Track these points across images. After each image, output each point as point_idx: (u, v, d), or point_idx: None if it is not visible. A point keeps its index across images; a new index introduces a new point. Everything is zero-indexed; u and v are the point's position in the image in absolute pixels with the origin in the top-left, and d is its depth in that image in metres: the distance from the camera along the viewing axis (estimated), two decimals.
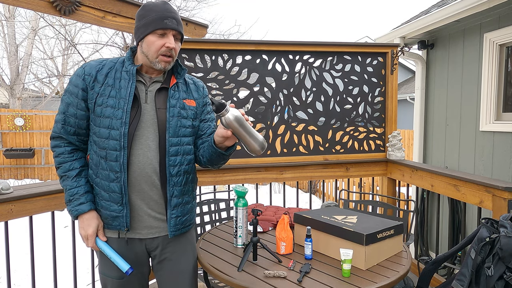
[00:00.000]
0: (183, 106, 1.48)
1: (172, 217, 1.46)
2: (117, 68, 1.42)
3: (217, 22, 23.59)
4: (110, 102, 1.37)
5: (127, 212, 1.40)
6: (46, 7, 1.98)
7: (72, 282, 2.24)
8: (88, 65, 1.41)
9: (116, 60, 1.45)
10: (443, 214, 3.63)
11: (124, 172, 1.37)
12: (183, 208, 1.50)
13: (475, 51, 3.38)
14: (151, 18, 1.36)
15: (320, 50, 2.86)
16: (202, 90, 1.59)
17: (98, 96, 1.38)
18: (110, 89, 1.38)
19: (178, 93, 1.48)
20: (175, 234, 1.48)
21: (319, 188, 7.88)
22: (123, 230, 1.42)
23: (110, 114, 1.37)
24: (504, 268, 1.41)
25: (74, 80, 1.40)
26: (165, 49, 1.37)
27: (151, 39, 1.37)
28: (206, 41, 2.67)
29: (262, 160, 2.82)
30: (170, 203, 1.45)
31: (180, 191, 1.47)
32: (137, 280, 1.50)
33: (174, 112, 1.44)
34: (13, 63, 11.64)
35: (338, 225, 1.61)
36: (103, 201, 1.41)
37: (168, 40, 1.37)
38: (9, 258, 1.92)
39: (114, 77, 1.40)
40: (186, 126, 1.48)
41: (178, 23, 1.40)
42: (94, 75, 1.39)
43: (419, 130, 4.15)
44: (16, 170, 9.16)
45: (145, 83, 1.44)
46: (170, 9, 1.40)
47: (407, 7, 58.10)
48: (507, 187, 1.98)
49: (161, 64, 1.39)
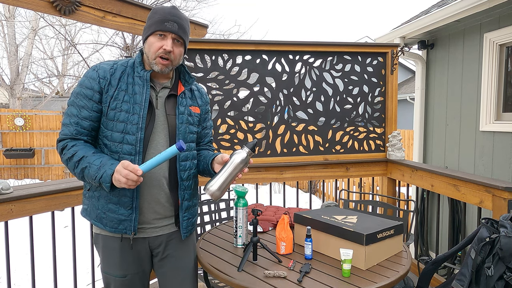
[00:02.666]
0: (190, 113, 1.52)
1: (184, 219, 1.51)
2: (129, 73, 1.42)
3: (217, 22, 23.65)
4: (125, 107, 1.38)
5: (136, 216, 1.41)
6: (46, 7, 1.98)
7: (72, 282, 2.24)
8: (102, 69, 1.39)
9: (126, 63, 1.45)
10: (443, 214, 3.63)
11: None
12: (193, 210, 1.56)
13: (475, 51, 3.38)
14: (154, 20, 1.38)
15: (320, 50, 2.86)
16: (205, 98, 1.64)
17: (112, 100, 1.38)
18: (123, 93, 1.39)
19: (185, 100, 1.51)
20: (187, 235, 1.53)
21: (319, 188, 7.88)
22: (129, 234, 1.42)
23: (125, 118, 1.37)
24: (504, 268, 1.41)
25: (88, 83, 1.37)
26: (162, 51, 1.38)
27: (151, 40, 1.39)
28: (206, 41, 2.67)
29: (262, 160, 2.82)
30: (182, 206, 1.49)
31: (190, 195, 1.53)
32: (139, 278, 1.51)
33: (183, 119, 1.48)
34: (13, 63, 11.65)
35: (338, 225, 1.61)
36: (111, 204, 1.40)
37: (165, 43, 1.38)
38: (9, 258, 1.92)
39: (126, 82, 1.40)
40: (193, 132, 1.53)
41: (180, 27, 1.39)
42: (108, 78, 1.38)
43: (419, 130, 4.15)
44: (16, 170, 9.16)
45: (155, 89, 1.46)
46: (174, 13, 1.39)
47: (407, 7, 58.11)
48: (507, 187, 1.98)
49: (158, 66, 1.40)
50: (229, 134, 2.76)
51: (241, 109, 2.77)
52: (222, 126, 2.75)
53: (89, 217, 1.47)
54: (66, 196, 2.05)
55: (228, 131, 2.76)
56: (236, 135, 2.78)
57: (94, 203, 1.44)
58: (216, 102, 2.72)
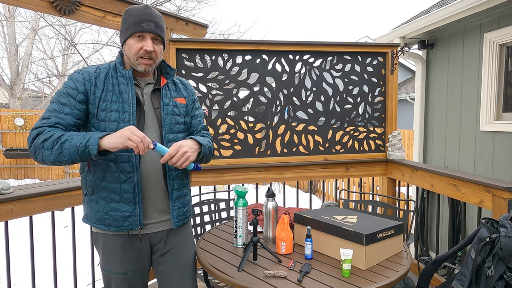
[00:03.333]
0: (175, 104, 1.55)
1: (175, 208, 1.54)
2: (112, 74, 1.45)
3: (217, 22, 23.61)
4: (114, 106, 1.40)
5: (140, 211, 1.44)
6: (46, 7, 1.98)
7: (72, 282, 2.24)
8: (86, 72, 1.42)
9: (108, 66, 1.48)
10: (443, 214, 3.63)
11: (137, 172, 1.42)
12: (184, 199, 1.58)
13: (475, 51, 3.38)
14: (130, 22, 1.41)
15: (320, 50, 2.86)
16: (189, 88, 1.67)
17: (101, 101, 1.39)
18: (111, 94, 1.41)
19: (169, 92, 1.55)
20: (179, 224, 1.56)
21: (319, 188, 7.88)
22: (136, 229, 1.45)
23: (116, 118, 1.40)
24: (504, 268, 1.41)
25: (72, 84, 1.39)
26: (142, 51, 1.41)
27: (130, 42, 1.42)
28: (206, 41, 2.67)
29: (262, 160, 2.82)
30: (172, 196, 1.52)
31: (180, 184, 1.55)
32: (140, 275, 1.53)
33: (168, 110, 1.51)
34: (13, 63, 11.64)
35: (338, 225, 1.61)
36: (113, 203, 1.42)
37: (145, 43, 1.41)
38: (9, 258, 1.92)
39: (112, 83, 1.43)
40: (180, 122, 1.55)
41: (157, 26, 1.43)
42: (93, 81, 1.41)
43: (419, 130, 4.15)
44: (16, 170, 9.16)
45: (139, 86, 1.49)
46: (149, 13, 1.42)
47: (407, 7, 58.10)
48: (507, 187, 1.98)
49: (141, 66, 1.43)
50: (229, 134, 2.76)
51: (241, 109, 2.77)
52: (222, 126, 2.75)
53: (90, 221, 1.49)
54: (66, 196, 2.05)
55: (228, 131, 2.76)
56: (236, 135, 2.78)
57: (93, 207, 1.45)
58: (216, 102, 2.72)
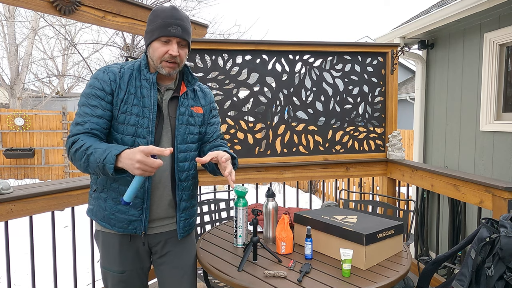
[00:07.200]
0: (191, 113, 1.51)
1: (181, 219, 1.51)
2: (136, 76, 1.43)
3: (217, 22, 23.60)
4: (135, 110, 1.39)
5: (146, 217, 1.43)
6: (46, 7, 1.99)
7: (72, 282, 2.24)
8: (111, 72, 1.39)
9: (133, 66, 1.45)
10: (443, 214, 3.63)
11: (149, 178, 1.41)
12: (191, 211, 1.57)
13: (475, 51, 3.38)
14: (156, 25, 1.38)
15: (320, 50, 2.86)
16: (209, 97, 1.63)
17: (123, 103, 1.38)
18: (133, 97, 1.39)
19: (187, 100, 1.51)
20: (183, 235, 1.54)
21: (319, 188, 7.88)
22: (139, 234, 1.45)
23: (135, 122, 1.38)
24: (504, 268, 1.41)
25: (99, 85, 1.36)
26: (168, 56, 1.38)
27: (155, 45, 1.39)
28: (206, 41, 2.67)
29: (262, 160, 2.82)
30: (179, 206, 1.50)
31: (189, 195, 1.54)
32: (137, 275, 1.52)
33: (183, 120, 1.48)
34: (13, 63, 11.65)
35: (338, 225, 1.61)
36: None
37: (171, 48, 1.38)
38: (9, 258, 1.92)
39: (135, 85, 1.41)
40: (194, 133, 1.53)
41: (184, 30, 1.40)
42: (118, 82, 1.39)
43: (419, 130, 4.15)
44: (16, 170, 9.16)
45: (160, 91, 1.47)
46: (176, 16, 1.39)
47: (407, 7, 58.12)
48: (507, 187, 1.98)
49: (165, 69, 1.41)
50: (229, 134, 2.76)
51: (241, 109, 2.77)
52: (222, 126, 2.75)
53: (95, 217, 1.48)
54: (66, 196, 2.05)
55: (228, 131, 2.76)
56: (236, 135, 2.78)
57: (101, 204, 1.45)
58: (216, 102, 2.72)
